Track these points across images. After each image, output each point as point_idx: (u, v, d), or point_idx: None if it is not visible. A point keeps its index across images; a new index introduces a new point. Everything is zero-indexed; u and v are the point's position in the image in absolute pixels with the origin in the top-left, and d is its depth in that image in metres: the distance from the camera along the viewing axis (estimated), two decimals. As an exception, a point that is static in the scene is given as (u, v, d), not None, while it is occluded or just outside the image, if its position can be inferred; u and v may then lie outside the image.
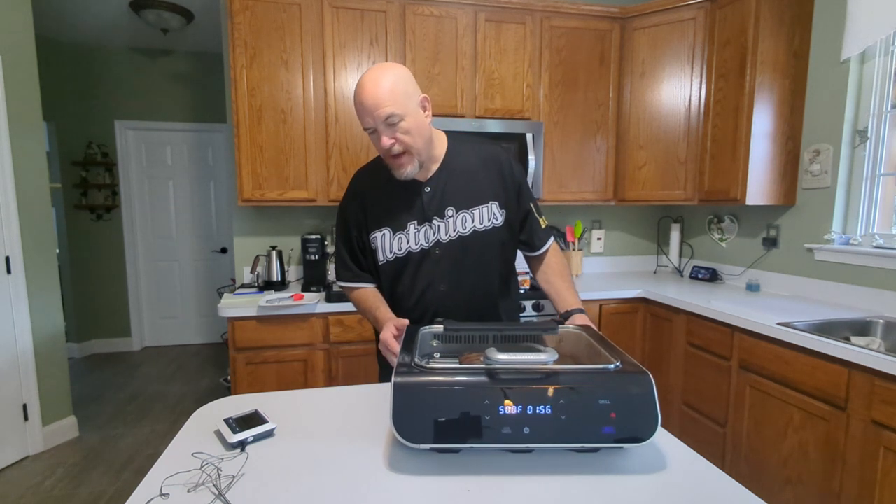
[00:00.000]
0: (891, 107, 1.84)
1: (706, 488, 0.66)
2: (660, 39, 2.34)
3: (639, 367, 0.75)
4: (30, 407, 2.38)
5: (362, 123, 1.07)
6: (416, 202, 1.16)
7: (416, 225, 1.16)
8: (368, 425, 0.84)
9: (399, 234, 1.17)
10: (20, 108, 2.34)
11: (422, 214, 1.16)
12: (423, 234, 1.17)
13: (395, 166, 1.09)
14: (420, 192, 1.17)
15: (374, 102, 1.04)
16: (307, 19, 2.09)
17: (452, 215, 1.17)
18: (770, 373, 1.62)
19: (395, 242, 1.17)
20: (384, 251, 1.18)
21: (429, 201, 1.16)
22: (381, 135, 1.05)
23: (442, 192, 1.17)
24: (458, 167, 1.20)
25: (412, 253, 1.17)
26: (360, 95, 1.05)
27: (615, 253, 2.93)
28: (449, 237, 1.17)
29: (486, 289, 1.24)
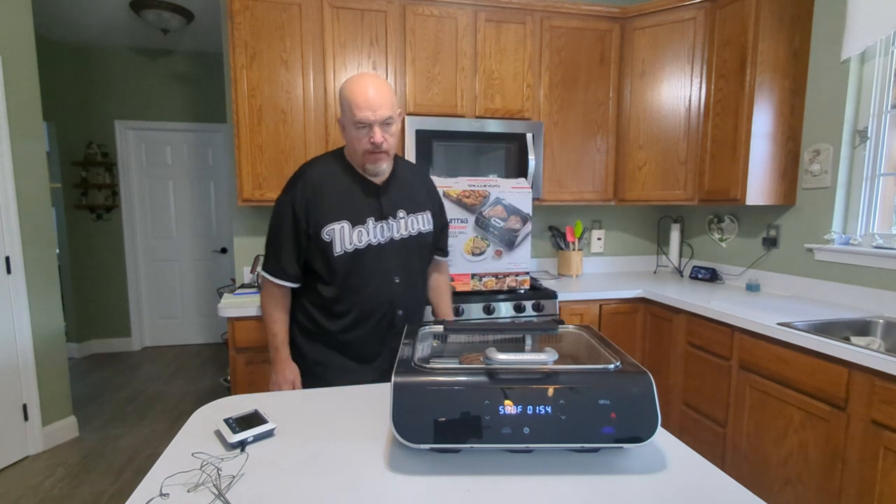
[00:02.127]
0: (891, 107, 1.84)
1: (706, 488, 0.66)
2: (660, 39, 2.34)
3: (639, 366, 0.75)
4: (30, 407, 2.38)
5: (358, 116, 1.17)
6: (374, 201, 1.30)
7: (374, 221, 1.28)
8: (368, 425, 0.84)
9: (359, 228, 1.26)
10: (20, 108, 2.34)
11: (379, 212, 1.29)
12: (380, 229, 1.29)
13: (373, 160, 1.23)
14: (378, 193, 1.31)
15: (380, 102, 1.18)
16: (307, 19, 2.09)
17: (403, 217, 1.33)
18: (770, 373, 1.62)
19: (354, 235, 1.25)
20: (342, 242, 1.24)
21: (385, 202, 1.31)
22: (375, 131, 1.19)
23: (395, 195, 1.33)
24: (405, 178, 1.39)
25: (371, 245, 1.28)
26: (364, 91, 1.17)
27: (615, 253, 2.93)
28: (401, 235, 1.32)
29: (424, 281, 1.46)
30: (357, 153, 1.24)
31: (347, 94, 1.20)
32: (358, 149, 1.22)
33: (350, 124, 1.22)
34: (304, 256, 1.28)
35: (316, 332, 1.33)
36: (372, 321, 1.31)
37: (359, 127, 1.19)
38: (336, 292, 1.28)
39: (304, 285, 1.32)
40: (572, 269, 2.67)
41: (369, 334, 1.31)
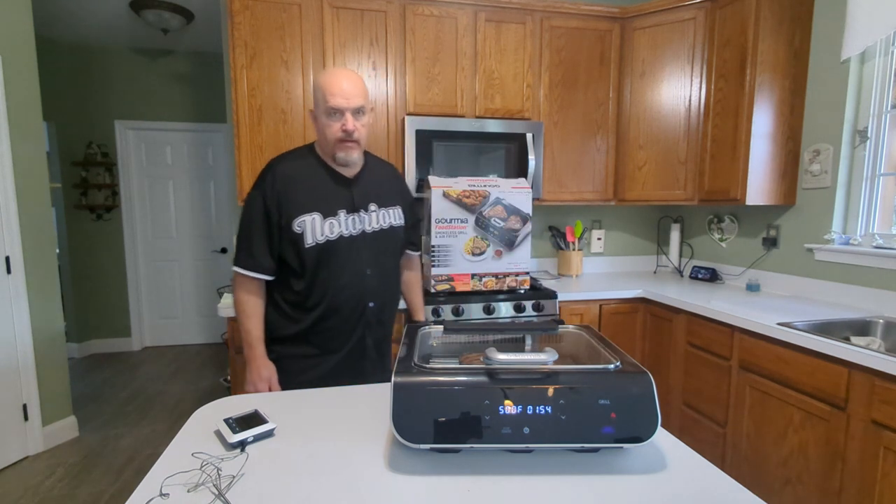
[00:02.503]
0: (891, 107, 1.84)
1: (706, 489, 0.66)
2: (660, 39, 2.34)
3: (639, 366, 0.75)
4: (30, 407, 2.38)
5: (331, 102, 1.20)
6: (346, 193, 1.30)
7: (346, 213, 1.29)
8: (368, 425, 0.84)
9: (330, 220, 1.26)
10: (20, 108, 2.34)
11: (351, 204, 1.30)
12: (352, 221, 1.29)
13: (344, 149, 1.24)
14: (349, 185, 1.32)
15: (354, 91, 1.22)
16: (307, 19, 2.09)
17: (375, 210, 1.34)
18: (770, 373, 1.62)
19: (325, 226, 1.25)
20: (313, 234, 1.24)
21: (357, 194, 1.32)
22: (348, 118, 1.21)
23: (367, 188, 1.34)
24: (376, 173, 1.40)
25: (343, 237, 1.27)
26: (339, 80, 1.21)
27: (615, 253, 2.93)
28: (373, 228, 1.33)
29: (396, 275, 1.46)
30: (328, 142, 1.25)
31: (322, 83, 1.22)
32: (329, 137, 1.23)
33: (322, 112, 1.23)
34: (276, 250, 1.27)
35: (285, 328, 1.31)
36: (343, 313, 1.30)
37: (331, 114, 1.21)
38: (307, 285, 1.26)
39: (275, 280, 1.30)
40: (572, 269, 2.67)
41: (339, 326, 1.30)
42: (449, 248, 2.00)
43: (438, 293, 2.02)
